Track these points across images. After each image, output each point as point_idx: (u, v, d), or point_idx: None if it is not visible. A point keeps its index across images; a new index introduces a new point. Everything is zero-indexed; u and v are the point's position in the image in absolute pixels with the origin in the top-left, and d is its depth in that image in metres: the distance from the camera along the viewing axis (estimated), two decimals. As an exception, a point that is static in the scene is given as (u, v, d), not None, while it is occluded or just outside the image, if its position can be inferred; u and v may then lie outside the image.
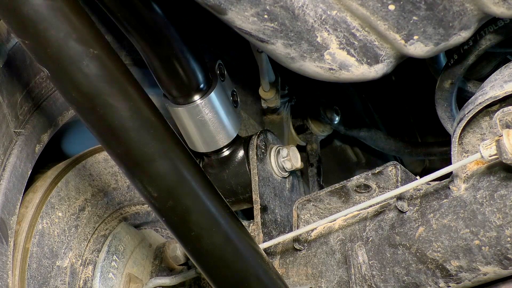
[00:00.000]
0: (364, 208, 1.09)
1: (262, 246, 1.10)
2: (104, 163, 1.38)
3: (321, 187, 1.76)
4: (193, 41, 1.23)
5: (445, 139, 1.64)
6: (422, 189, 1.04)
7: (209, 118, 1.27)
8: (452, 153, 0.97)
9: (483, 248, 0.94)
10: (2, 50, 1.08)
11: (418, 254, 1.00)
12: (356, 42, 0.93)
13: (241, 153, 1.35)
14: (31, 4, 0.74)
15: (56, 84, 0.80)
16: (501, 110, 0.91)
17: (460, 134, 0.96)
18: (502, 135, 0.87)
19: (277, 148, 1.36)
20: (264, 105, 1.60)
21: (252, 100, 1.70)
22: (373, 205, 1.09)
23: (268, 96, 1.56)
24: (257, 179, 1.29)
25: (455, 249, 0.97)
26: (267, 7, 0.89)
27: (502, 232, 0.92)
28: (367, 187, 1.11)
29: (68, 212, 1.26)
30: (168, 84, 1.23)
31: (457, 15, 0.88)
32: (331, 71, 0.97)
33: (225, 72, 1.34)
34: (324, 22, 0.91)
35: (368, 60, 0.95)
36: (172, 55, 1.19)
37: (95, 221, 1.32)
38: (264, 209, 1.27)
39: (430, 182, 1.02)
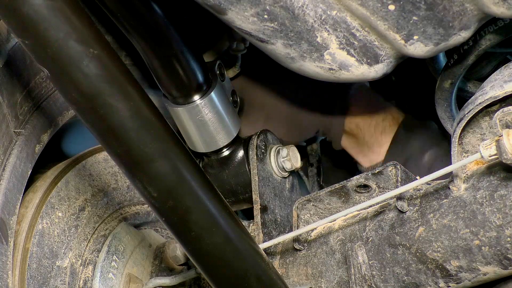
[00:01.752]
0: (364, 208, 1.09)
1: (262, 246, 1.10)
2: (104, 163, 1.38)
3: (321, 187, 1.76)
4: (193, 41, 1.23)
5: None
6: (422, 189, 1.04)
7: (209, 118, 1.27)
8: (452, 153, 0.97)
9: (483, 248, 0.94)
10: (2, 50, 1.08)
11: (418, 254, 1.00)
12: (356, 42, 0.93)
13: (241, 153, 1.35)
14: (31, 4, 0.74)
15: (56, 84, 0.80)
16: (501, 110, 0.91)
17: (460, 134, 0.96)
18: (502, 135, 0.87)
19: (277, 148, 1.36)
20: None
21: None
22: (373, 205, 1.09)
23: (230, 74, 1.57)
24: (257, 179, 1.29)
25: (455, 249, 0.97)
26: (267, 7, 0.90)
27: (502, 232, 0.92)
28: (367, 187, 1.11)
29: (68, 212, 1.26)
30: (168, 84, 1.23)
31: (457, 15, 0.88)
32: (331, 71, 0.97)
33: (225, 72, 1.34)
34: (324, 22, 0.91)
35: (368, 60, 0.95)
36: (172, 55, 1.19)
37: (95, 221, 1.32)
38: (264, 209, 1.27)
39: (430, 182, 1.02)
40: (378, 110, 1.63)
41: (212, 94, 1.26)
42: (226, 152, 1.35)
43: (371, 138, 1.61)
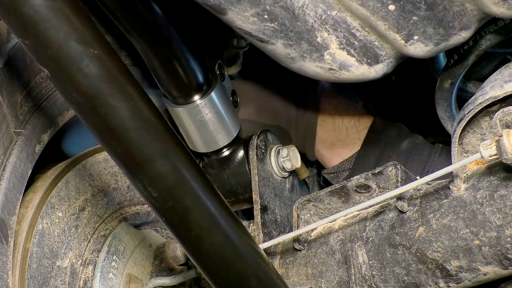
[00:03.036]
0: (364, 208, 1.09)
1: (262, 246, 1.10)
2: (104, 163, 1.38)
3: (321, 187, 1.76)
4: (193, 41, 1.23)
5: (445, 139, 1.65)
6: (422, 189, 1.04)
7: (209, 118, 1.27)
8: (452, 153, 0.97)
9: (483, 248, 0.94)
10: (2, 50, 1.08)
11: (418, 254, 1.00)
12: (356, 42, 0.93)
13: (241, 153, 1.35)
14: (31, 4, 0.74)
15: (56, 84, 0.80)
16: (501, 110, 0.91)
17: (460, 134, 0.96)
18: (502, 135, 0.87)
19: (277, 148, 1.36)
20: None
21: None
22: (373, 205, 1.09)
23: (233, 71, 1.56)
24: (257, 179, 1.29)
25: (455, 249, 0.97)
26: (267, 7, 0.90)
27: (502, 232, 0.92)
28: (367, 187, 1.11)
29: (68, 212, 1.26)
30: (168, 84, 1.23)
31: (457, 15, 0.88)
32: (331, 71, 0.97)
33: (225, 72, 1.34)
34: (324, 22, 0.91)
35: (368, 60, 0.95)
36: (172, 55, 1.19)
37: (95, 221, 1.32)
38: (264, 209, 1.27)
39: (430, 182, 1.02)
40: (350, 108, 1.62)
41: (212, 94, 1.26)
42: (226, 152, 1.35)
43: (349, 124, 1.59)
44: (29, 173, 1.15)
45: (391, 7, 0.87)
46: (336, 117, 1.60)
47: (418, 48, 0.92)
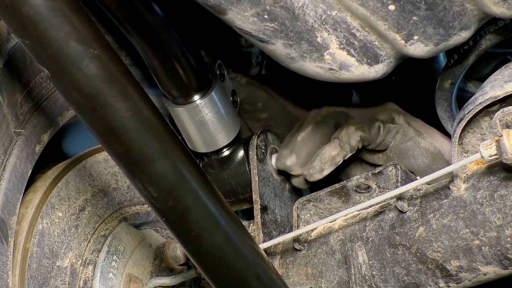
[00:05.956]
0: (364, 208, 1.09)
1: (262, 246, 1.10)
2: (104, 163, 1.38)
3: (321, 187, 1.76)
4: (193, 41, 1.23)
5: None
6: (422, 189, 1.04)
7: (209, 118, 1.27)
8: (452, 153, 0.97)
9: (483, 248, 0.94)
10: (2, 50, 1.08)
11: (418, 254, 1.00)
12: (356, 42, 0.93)
13: (241, 153, 1.35)
14: (31, 4, 0.74)
15: (56, 84, 0.80)
16: (501, 110, 0.91)
17: (460, 134, 0.96)
18: (502, 135, 0.87)
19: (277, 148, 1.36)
20: None
21: None
22: (373, 205, 1.09)
23: (252, 72, 1.53)
24: (257, 179, 1.29)
25: (455, 249, 0.97)
26: (267, 7, 0.90)
27: (502, 232, 0.92)
28: (367, 187, 1.11)
29: (68, 212, 1.26)
30: (168, 84, 1.23)
31: (457, 15, 0.88)
32: (331, 71, 0.97)
33: (225, 72, 1.34)
34: (324, 22, 0.91)
35: (368, 60, 0.95)
36: (172, 55, 1.19)
37: (95, 221, 1.32)
38: (264, 209, 1.27)
39: (430, 182, 1.02)
40: None
41: (212, 94, 1.26)
42: (226, 152, 1.35)
43: None
44: (29, 173, 1.15)
45: (391, 7, 0.87)
46: None
47: (418, 48, 0.92)
